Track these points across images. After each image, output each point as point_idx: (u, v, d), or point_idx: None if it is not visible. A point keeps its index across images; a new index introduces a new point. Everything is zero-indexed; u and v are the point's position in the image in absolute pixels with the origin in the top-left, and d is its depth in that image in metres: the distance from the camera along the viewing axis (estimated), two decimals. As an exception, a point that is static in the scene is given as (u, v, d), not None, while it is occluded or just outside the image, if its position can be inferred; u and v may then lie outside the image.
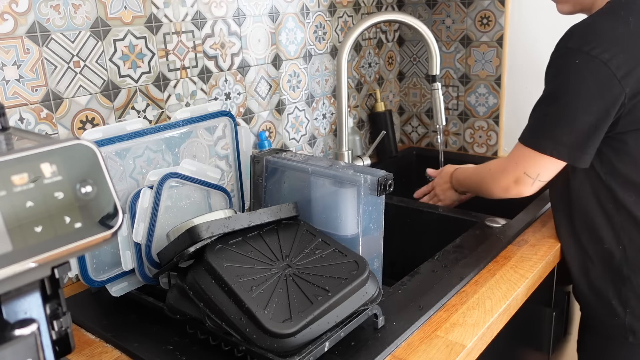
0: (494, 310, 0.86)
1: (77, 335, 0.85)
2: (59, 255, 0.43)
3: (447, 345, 0.78)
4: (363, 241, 0.88)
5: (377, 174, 0.86)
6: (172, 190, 0.91)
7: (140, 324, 0.86)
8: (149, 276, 0.88)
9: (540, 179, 1.02)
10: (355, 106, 1.66)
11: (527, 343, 1.14)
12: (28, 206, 0.41)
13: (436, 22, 1.67)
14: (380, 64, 1.72)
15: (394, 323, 0.82)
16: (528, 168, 1.01)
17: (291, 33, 1.38)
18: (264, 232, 0.85)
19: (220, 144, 1.07)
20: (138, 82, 1.08)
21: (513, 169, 1.03)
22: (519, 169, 1.02)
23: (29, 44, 0.92)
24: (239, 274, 0.74)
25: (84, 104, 1.01)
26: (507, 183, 1.05)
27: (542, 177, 1.01)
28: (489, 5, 1.55)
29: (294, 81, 1.42)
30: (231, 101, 1.27)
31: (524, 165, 1.01)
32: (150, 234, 0.86)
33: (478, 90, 1.64)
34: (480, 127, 1.66)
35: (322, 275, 0.77)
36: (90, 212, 0.44)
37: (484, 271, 0.98)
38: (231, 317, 0.70)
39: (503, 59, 1.57)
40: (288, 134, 1.44)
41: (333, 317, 0.72)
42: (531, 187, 1.03)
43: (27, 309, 0.49)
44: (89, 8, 0.99)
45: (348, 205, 0.89)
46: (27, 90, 0.93)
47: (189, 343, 0.80)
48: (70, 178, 0.44)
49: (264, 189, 1.00)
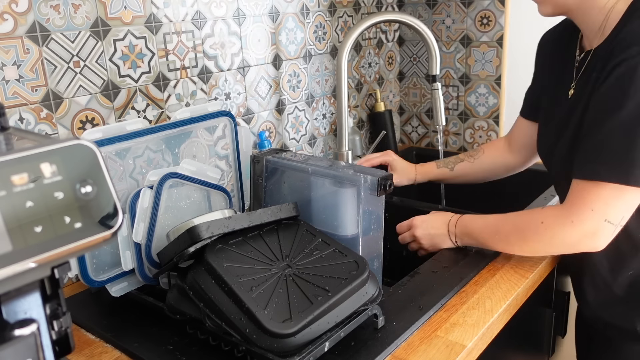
0: (494, 310, 0.86)
1: (77, 335, 0.85)
2: (59, 255, 0.43)
3: (447, 345, 0.78)
4: (363, 241, 0.88)
5: (377, 174, 0.86)
6: (172, 190, 0.91)
7: (140, 324, 0.86)
8: (149, 276, 0.88)
9: (622, 223, 0.83)
10: (355, 106, 1.66)
11: (527, 343, 1.14)
12: (28, 206, 0.41)
13: (436, 22, 1.67)
14: (380, 64, 1.72)
15: (394, 323, 0.82)
16: (611, 213, 0.81)
17: (291, 33, 1.38)
18: (264, 232, 0.85)
19: (220, 144, 1.07)
20: (138, 82, 1.08)
21: (589, 219, 0.82)
22: (598, 217, 0.81)
23: (29, 44, 0.92)
24: (239, 274, 0.74)
25: (84, 104, 1.01)
26: (577, 238, 0.84)
27: (625, 221, 0.83)
28: (489, 5, 1.55)
29: (294, 81, 1.42)
30: (231, 101, 1.27)
31: (605, 211, 0.81)
32: (150, 234, 0.86)
33: (478, 90, 1.64)
34: (480, 127, 1.66)
35: (322, 275, 0.77)
36: (90, 212, 0.44)
37: (484, 271, 0.98)
38: (231, 317, 0.70)
39: (503, 59, 1.57)
40: (288, 134, 1.44)
41: (333, 317, 0.72)
42: (611, 237, 0.84)
43: (27, 309, 0.49)
44: (89, 8, 0.99)
45: (348, 205, 0.89)
46: (27, 90, 0.93)
47: (189, 343, 0.80)
48: (70, 178, 0.43)
49: (264, 189, 1.00)
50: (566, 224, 0.84)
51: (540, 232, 0.88)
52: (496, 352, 0.90)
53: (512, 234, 0.93)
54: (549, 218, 0.87)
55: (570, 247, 0.87)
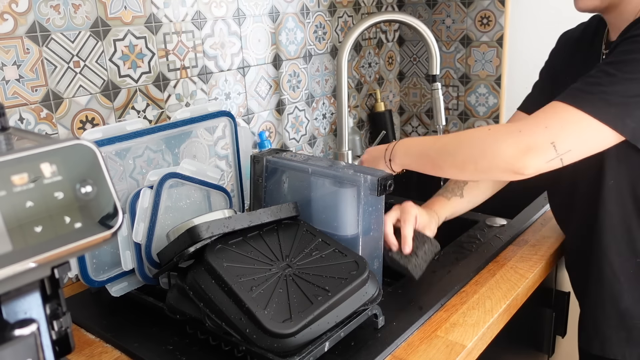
0: (494, 310, 0.86)
1: (77, 335, 0.85)
2: (59, 255, 0.43)
3: (447, 345, 0.78)
4: (363, 241, 0.88)
5: (377, 174, 0.86)
6: (172, 190, 0.91)
7: (140, 324, 0.86)
8: (149, 276, 0.88)
9: (563, 158, 0.77)
10: (355, 106, 1.66)
11: (527, 343, 1.14)
12: (28, 206, 0.41)
13: (436, 22, 1.67)
14: (380, 64, 1.72)
15: (394, 323, 0.82)
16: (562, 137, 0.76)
17: (291, 33, 1.38)
18: (264, 232, 0.85)
19: (220, 144, 1.07)
20: (138, 82, 1.08)
21: (537, 133, 0.77)
22: (547, 135, 0.76)
23: (29, 44, 0.92)
24: (239, 274, 0.74)
25: (84, 104, 1.01)
26: (512, 150, 0.77)
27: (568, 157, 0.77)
28: (489, 5, 1.55)
29: (294, 81, 1.42)
30: (231, 101, 1.27)
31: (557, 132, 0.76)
32: (150, 234, 0.86)
33: (478, 90, 1.64)
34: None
35: (322, 275, 0.77)
36: (90, 212, 0.44)
37: (484, 271, 0.98)
38: (231, 317, 0.70)
39: (503, 59, 1.57)
40: (288, 134, 1.43)
41: (333, 317, 0.72)
42: (543, 165, 0.77)
43: (27, 309, 0.49)
44: (89, 8, 0.99)
45: (348, 206, 0.89)
46: (27, 90, 0.93)
47: (189, 343, 0.80)
48: (70, 178, 0.43)
49: (264, 189, 1.00)
50: (513, 132, 0.78)
51: (482, 137, 0.81)
52: (496, 352, 0.90)
53: (451, 141, 0.85)
54: (498, 126, 0.83)
55: (504, 160, 0.78)
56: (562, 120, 0.77)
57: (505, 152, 0.78)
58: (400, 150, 0.92)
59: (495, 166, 0.80)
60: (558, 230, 1.12)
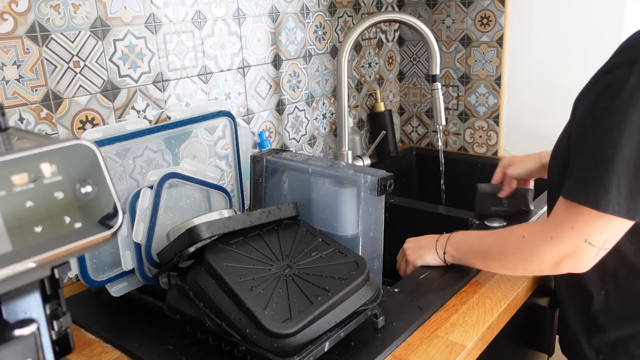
0: (494, 310, 0.86)
1: (77, 335, 0.85)
2: (59, 255, 0.43)
3: (447, 345, 0.78)
4: (363, 241, 0.88)
5: (377, 174, 0.86)
6: (172, 190, 0.91)
7: (140, 324, 0.86)
8: (149, 276, 0.88)
9: (606, 247, 0.78)
10: (355, 106, 1.66)
11: (527, 343, 1.14)
12: (28, 206, 0.41)
13: (436, 22, 1.67)
14: (380, 64, 1.72)
15: (394, 323, 0.82)
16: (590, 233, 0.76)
17: (291, 33, 1.38)
18: (264, 232, 0.85)
19: (220, 144, 1.07)
20: (138, 82, 1.08)
21: (568, 237, 0.77)
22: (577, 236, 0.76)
23: (29, 44, 0.92)
24: (239, 274, 0.74)
25: (83, 104, 1.01)
26: (556, 257, 0.79)
27: (609, 244, 0.78)
28: (489, 5, 1.55)
29: (294, 81, 1.42)
30: (231, 101, 1.27)
31: (584, 230, 0.76)
32: (150, 234, 0.86)
33: (478, 90, 1.64)
34: (480, 127, 1.66)
35: (322, 275, 0.77)
36: (90, 212, 0.44)
37: (484, 271, 0.98)
38: (231, 317, 0.70)
39: (503, 59, 1.57)
40: (288, 134, 1.44)
41: (333, 317, 0.72)
42: (593, 260, 0.78)
43: (27, 309, 0.49)
44: (89, 8, 0.99)
45: (348, 206, 0.89)
46: (27, 90, 0.93)
47: (189, 343, 0.80)
48: (70, 178, 0.43)
49: (264, 189, 1.00)
50: (546, 239, 0.80)
51: (520, 247, 0.83)
52: (496, 352, 0.90)
53: (494, 246, 0.89)
54: (530, 232, 0.83)
55: (551, 266, 0.81)
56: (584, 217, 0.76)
57: (549, 261, 0.80)
58: (451, 245, 0.96)
59: (546, 270, 0.83)
60: (558, 230, 1.11)
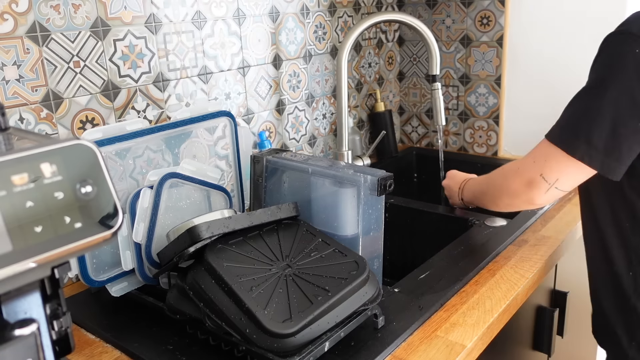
0: (494, 310, 0.86)
1: (77, 335, 0.85)
2: (59, 255, 0.43)
3: (447, 345, 0.78)
4: (363, 241, 0.88)
5: (377, 174, 0.86)
6: (172, 190, 0.91)
7: (140, 324, 0.86)
8: (149, 276, 0.88)
9: (557, 186, 0.85)
10: (355, 106, 1.66)
11: (527, 343, 1.14)
12: (28, 206, 0.41)
13: (436, 22, 1.67)
14: (380, 64, 1.72)
15: (394, 323, 0.82)
16: (547, 169, 0.84)
17: (291, 33, 1.38)
18: (264, 232, 0.85)
19: (220, 144, 1.07)
20: (138, 82, 1.08)
21: (528, 168, 0.87)
22: (535, 169, 0.86)
23: (29, 44, 0.92)
24: (239, 274, 0.74)
25: (84, 104, 1.01)
26: (517, 185, 0.89)
27: (561, 185, 0.85)
28: (489, 5, 1.55)
29: (294, 81, 1.42)
30: (231, 101, 1.27)
31: (542, 165, 0.85)
32: (150, 234, 0.86)
33: (478, 90, 1.64)
34: (480, 127, 1.66)
35: (322, 275, 0.77)
36: (90, 212, 0.44)
37: (484, 271, 0.98)
38: (231, 317, 0.70)
39: (503, 59, 1.57)
40: (288, 134, 1.44)
41: (333, 317, 0.72)
42: (544, 195, 0.86)
43: (27, 309, 0.49)
44: (89, 8, 0.99)
45: (348, 205, 0.89)
46: (27, 90, 0.93)
47: (189, 343, 0.80)
48: (70, 178, 0.43)
49: (264, 189, 1.00)
50: (514, 170, 0.91)
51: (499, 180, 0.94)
52: (496, 352, 0.90)
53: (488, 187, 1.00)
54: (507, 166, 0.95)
55: (512, 195, 0.91)
56: (546, 154, 0.86)
57: (514, 189, 0.91)
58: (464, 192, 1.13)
59: (514, 203, 0.93)
60: (558, 230, 1.12)
